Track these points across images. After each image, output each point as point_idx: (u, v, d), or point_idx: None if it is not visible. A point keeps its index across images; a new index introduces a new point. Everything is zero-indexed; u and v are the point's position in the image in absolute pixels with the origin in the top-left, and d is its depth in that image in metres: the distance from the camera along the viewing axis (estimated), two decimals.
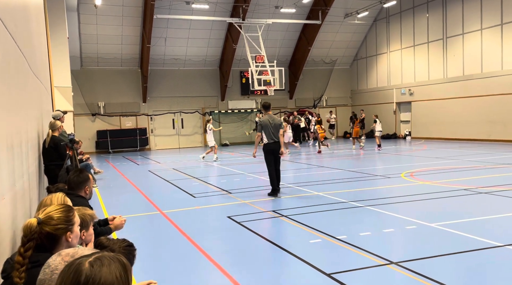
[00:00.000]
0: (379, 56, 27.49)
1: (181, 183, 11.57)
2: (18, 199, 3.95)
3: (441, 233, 5.95)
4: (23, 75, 4.97)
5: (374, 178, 11.22)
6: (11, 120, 3.82)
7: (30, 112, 5.75)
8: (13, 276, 1.92)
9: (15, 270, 1.94)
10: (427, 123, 24.02)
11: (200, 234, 6.48)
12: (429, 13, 23.48)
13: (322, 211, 7.55)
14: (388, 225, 6.50)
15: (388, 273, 4.59)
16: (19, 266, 1.94)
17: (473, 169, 11.99)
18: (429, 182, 10.08)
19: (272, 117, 9.33)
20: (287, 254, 5.35)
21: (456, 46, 22.07)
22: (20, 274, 1.92)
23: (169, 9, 22.03)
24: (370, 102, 28.12)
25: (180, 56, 25.25)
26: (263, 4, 23.40)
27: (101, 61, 23.91)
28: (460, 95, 21.88)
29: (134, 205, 8.99)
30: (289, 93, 28.56)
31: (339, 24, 26.34)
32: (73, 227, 2.19)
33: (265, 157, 9.30)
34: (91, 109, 24.14)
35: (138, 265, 4.98)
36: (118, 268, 1.26)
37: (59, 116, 7.95)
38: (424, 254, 5.08)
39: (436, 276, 4.35)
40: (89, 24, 21.90)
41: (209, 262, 5.22)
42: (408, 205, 7.86)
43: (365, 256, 5.09)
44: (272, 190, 9.17)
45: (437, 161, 14.06)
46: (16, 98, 4.21)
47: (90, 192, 4.03)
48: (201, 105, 26.54)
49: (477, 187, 9.11)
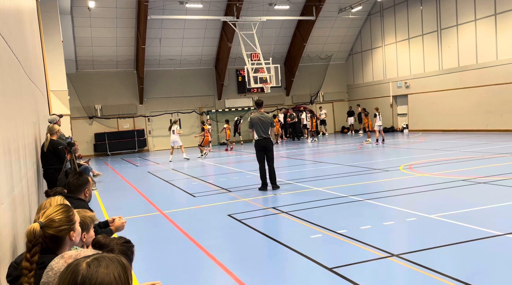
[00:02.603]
0: (374, 50, 27.50)
1: (180, 183, 11.57)
2: (17, 204, 3.94)
3: (441, 224, 5.97)
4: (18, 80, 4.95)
5: (372, 171, 11.24)
6: (8, 126, 3.81)
7: (27, 117, 5.74)
8: (22, 282, 1.93)
9: (23, 276, 1.95)
10: (424, 116, 24.07)
11: (201, 233, 6.49)
12: (422, 6, 23.49)
13: (322, 206, 7.57)
14: (388, 217, 6.52)
15: (390, 266, 4.61)
16: (27, 272, 1.95)
17: (471, 159, 12.03)
18: (428, 173, 10.11)
19: (263, 114, 9.66)
20: (288, 250, 5.36)
21: (450, 37, 22.10)
22: (29, 279, 1.94)
23: (163, 10, 21.98)
24: (367, 96, 28.15)
25: (175, 57, 25.21)
26: (256, 2, 23.37)
27: (96, 63, 23.86)
28: (456, 87, 21.92)
29: (134, 207, 8.99)
30: (286, 90, 28.56)
31: (333, 19, 26.34)
32: (74, 226, 2.21)
33: (256, 153, 9.73)
34: (88, 112, 24.09)
35: (141, 266, 4.99)
36: (116, 268, 1.26)
37: (55, 120, 7.94)
38: (425, 245, 5.10)
39: (438, 267, 4.37)
40: (83, 27, 21.83)
41: (211, 260, 5.23)
42: (408, 197, 7.88)
43: (366, 249, 5.10)
44: (262, 184, 9.57)
45: (435, 153, 14.10)
46: (12, 103, 4.20)
47: (89, 195, 4.03)
48: (198, 105, 26.52)
49: (475, 177, 9.14)
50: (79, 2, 20.27)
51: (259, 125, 9.47)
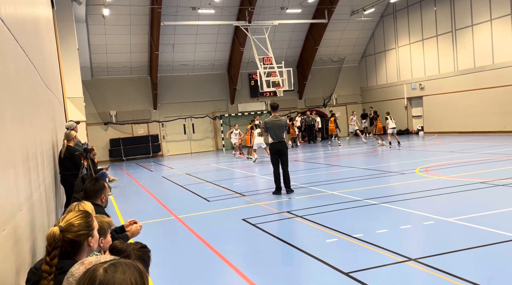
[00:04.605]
0: (387, 52, 27.28)
1: (194, 188, 11.62)
2: (36, 210, 4.01)
3: (460, 228, 5.87)
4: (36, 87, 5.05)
5: (388, 174, 11.12)
6: (26, 133, 3.88)
7: (44, 124, 5.84)
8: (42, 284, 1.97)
9: (43, 279, 1.98)
10: (440, 118, 23.74)
11: (216, 237, 6.49)
12: (436, 6, 23.24)
13: (337, 210, 7.51)
14: (405, 221, 6.43)
15: (407, 270, 4.54)
16: (46, 275, 1.99)
17: (489, 161, 11.80)
18: (445, 176, 9.95)
19: (277, 118, 9.62)
20: (303, 254, 5.32)
21: (465, 38, 21.80)
22: (48, 282, 1.97)
23: (175, 16, 22.20)
24: (381, 98, 27.91)
25: (188, 62, 25.41)
26: (268, 6, 23.43)
27: (111, 70, 24.19)
28: (472, 88, 21.58)
29: (149, 211, 9.05)
30: (298, 94, 28.51)
31: (345, 22, 26.23)
32: (93, 232, 2.25)
33: (270, 156, 9.77)
34: (103, 118, 24.42)
35: (156, 271, 5.01)
36: (133, 274, 1.26)
37: (73, 126, 8.06)
38: (443, 249, 5.01)
39: (457, 271, 4.28)
40: (98, 35, 22.18)
41: (226, 265, 5.22)
42: (424, 200, 7.77)
43: (383, 253, 5.04)
44: (276, 188, 9.51)
45: (452, 155, 13.88)
46: (30, 110, 4.28)
47: (106, 200, 4.07)
48: (211, 109, 26.65)
49: (493, 179, 8.96)
50: (94, 10, 20.62)
51: (274, 128, 9.46)
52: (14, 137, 3.22)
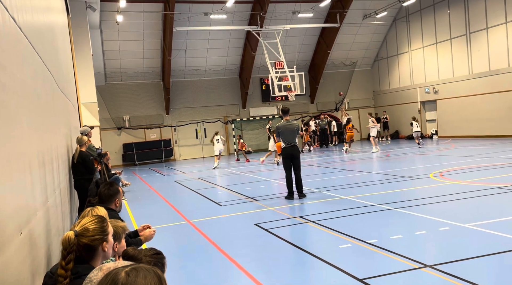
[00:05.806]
0: (400, 55, 27.08)
1: (206, 192, 11.64)
2: (51, 214, 4.04)
3: (477, 234, 5.76)
4: (52, 93, 5.12)
5: (401, 179, 10.99)
6: (42, 138, 3.93)
7: (59, 129, 5.91)
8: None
9: (58, 283, 2.00)
10: (454, 122, 23.43)
11: (228, 242, 6.48)
12: (450, 9, 23.01)
13: (351, 215, 7.44)
14: (420, 227, 6.34)
15: (423, 277, 4.47)
16: (62, 279, 2.01)
17: (505, 166, 11.59)
18: (460, 181, 9.80)
19: (289, 122, 9.60)
20: (317, 260, 5.28)
21: (480, 41, 21.51)
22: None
23: (188, 21, 22.38)
24: (394, 102, 27.67)
25: (200, 67, 25.56)
26: (280, 11, 23.47)
27: (124, 76, 24.47)
28: (487, 91, 21.26)
29: (162, 216, 9.09)
30: (310, 98, 28.44)
31: (358, 25, 26.13)
32: (108, 237, 2.26)
33: (282, 161, 9.74)
34: (117, 123, 24.67)
35: (169, 275, 5.01)
36: (153, 279, 1.28)
37: (87, 131, 8.16)
38: (459, 256, 4.92)
39: (473, 278, 4.20)
40: (112, 41, 22.47)
41: (239, 270, 5.21)
42: (440, 205, 7.65)
43: (398, 259, 4.97)
44: (288, 193, 9.48)
45: (467, 160, 13.67)
46: (46, 116, 4.33)
47: (120, 205, 4.10)
48: (223, 114, 26.73)
49: (511, 184, 8.79)
50: (108, 16, 20.91)
51: (286, 133, 9.44)
52: (30, 142, 3.26)
